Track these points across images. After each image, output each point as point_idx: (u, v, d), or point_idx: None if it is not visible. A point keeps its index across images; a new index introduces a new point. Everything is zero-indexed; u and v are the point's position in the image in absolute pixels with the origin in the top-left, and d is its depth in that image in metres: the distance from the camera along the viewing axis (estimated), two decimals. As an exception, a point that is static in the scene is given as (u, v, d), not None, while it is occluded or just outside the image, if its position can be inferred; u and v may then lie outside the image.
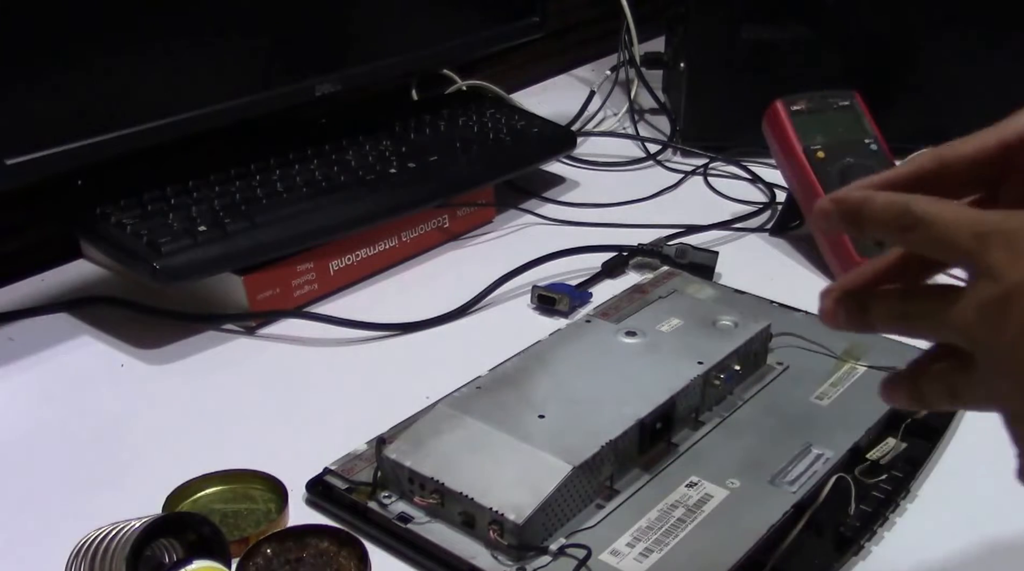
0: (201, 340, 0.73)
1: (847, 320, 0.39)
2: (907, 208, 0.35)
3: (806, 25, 0.99)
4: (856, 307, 0.39)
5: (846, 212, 0.37)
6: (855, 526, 0.52)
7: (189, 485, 0.56)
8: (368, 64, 0.89)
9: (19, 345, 0.73)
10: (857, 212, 0.37)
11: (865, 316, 0.38)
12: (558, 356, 0.62)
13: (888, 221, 0.36)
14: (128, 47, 0.71)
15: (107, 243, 0.71)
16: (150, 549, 0.48)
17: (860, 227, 0.37)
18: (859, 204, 0.37)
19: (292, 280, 0.76)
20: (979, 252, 0.33)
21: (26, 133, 0.67)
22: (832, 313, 0.39)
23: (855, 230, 0.38)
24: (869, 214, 0.36)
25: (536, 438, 0.53)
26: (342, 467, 0.56)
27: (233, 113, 0.78)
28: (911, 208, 0.35)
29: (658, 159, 1.05)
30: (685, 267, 0.79)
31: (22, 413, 0.66)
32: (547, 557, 0.49)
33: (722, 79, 1.03)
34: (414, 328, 0.74)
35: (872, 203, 0.36)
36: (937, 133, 0.84)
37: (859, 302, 0.38)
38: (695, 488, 0.54)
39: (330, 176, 0.81)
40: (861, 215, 0.37)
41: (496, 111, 0.97)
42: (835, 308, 0.39)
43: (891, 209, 0.36)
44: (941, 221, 0.34)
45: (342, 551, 0.51)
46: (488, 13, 0.99)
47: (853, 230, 0.38)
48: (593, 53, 1.36)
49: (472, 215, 0.89)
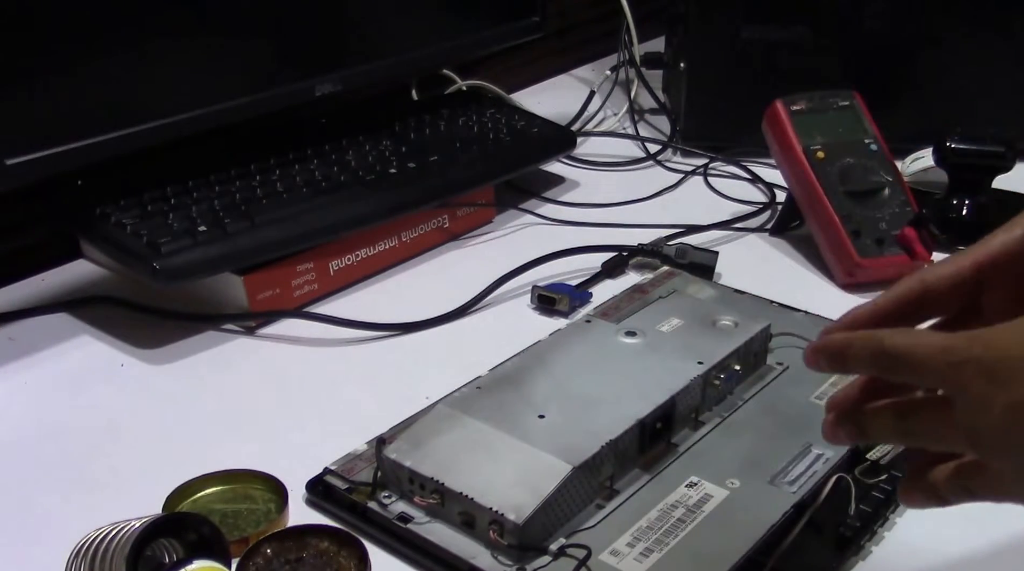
0: (201, 340, 0.73)
1: (849, 440, 0.42)
2: (881, 349, 0.37)
3: (806, 25, 0.99)
4: (855, 430, 0.41)
5: (832, 358, 0.40)
6: (855, 526, 0.52)
7: (189, 485, 0.56)
8: (368, 64, 0.89)
9: (19, 345, 0.73)
10: (840, 357, 0.40)
11: (866, 435, 0.41)
12: (558, 356, 0.62)
13: (868, 362, 0.38)
14: (128, 47, 0.71)
15: (107, 243, 0.71)
16: (150, 549, 0.48)
17: (846, 369, 0.40)
18: (841, 349, 0.39)
19: (292, 280, 0.76)
20: (957, 382, 0.35)
21: (26, 133, 0.67)
22: (833, 435, 0.42)
23: (844, 372, 0.41)
24: (852, 358, 0.39)
25: (536, 438, 0.53)
26: (342, 467, 0.56)
27: (233, 113, 0.78)
28: (885, 348, 0.37)
29: (658, 159, 1.05)
30: (685, 267, 0.79)
31: (22, 413, 0.66)
32: (547, 557, 0.49)
33: (722, 79, 1.03)
34: (414, 328, 0.74)
35: (851, 348, 0.39)
36: (937, 133, 0.85)
37: (857, 424, 0.41)
38: (695, 488, 0.54)
39: (330, 176, 0.81)
40: (845, 359, 0.39)
41: (496, 111, 0.97)
42: (835, 431, 0.42)
43: (868, 351, 0.38)
44: (915, 357, 0.36)
45: (342, 551, 0.51)
46: (488, 13, 0.99)
47: (842, 372, 0.41)
48: (593, 53, 1.36)
49: (472, 215, 0.89)
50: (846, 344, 0.39)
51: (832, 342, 0.40)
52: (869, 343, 0.38)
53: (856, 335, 0.39)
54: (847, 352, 0.39)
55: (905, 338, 0.37)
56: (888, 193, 0.81)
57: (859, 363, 0.39)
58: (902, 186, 0.82)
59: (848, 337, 0.39)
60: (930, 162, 0.87)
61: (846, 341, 0.39)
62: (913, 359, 0.36)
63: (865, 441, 0.41)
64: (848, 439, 0.41)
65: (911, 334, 0.37)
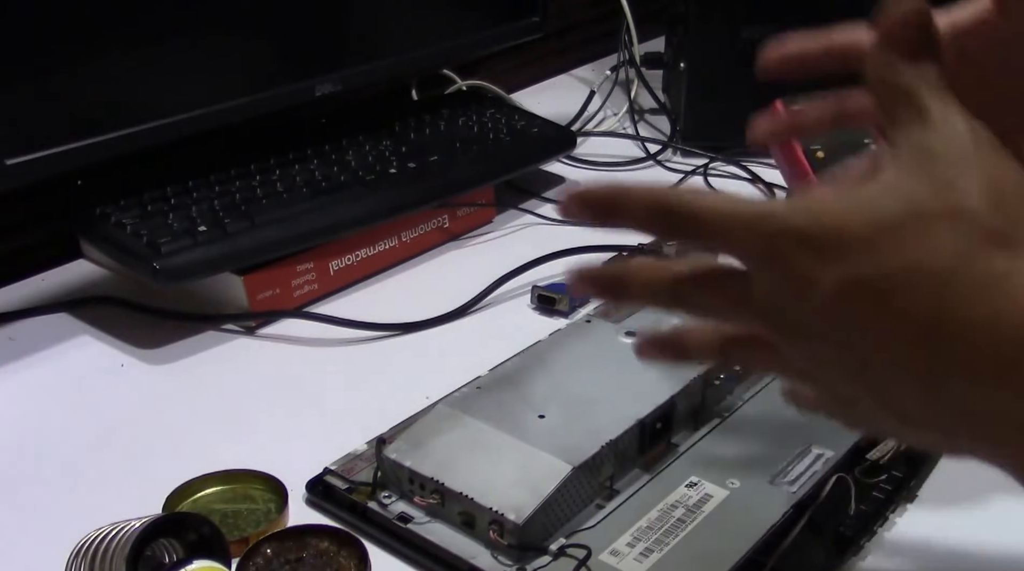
0: (201, 340, 0.73)
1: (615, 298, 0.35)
2: (666, 202, 0.31)
3: (806, 25, 0.99)
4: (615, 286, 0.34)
5: (597, 204, 0.33)
6: (855, 526, 0.52)
7: (189, 485, 0.56)
8: (368, 64, 0.89)
9: (19, 345, 0.73)
10: (608, 204, 0.32)
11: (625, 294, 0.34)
12: (558, 356, 0.62)
13: (644, 214, 0.32)
14: (128, 47, 0.71)
15: (107, 243, 0.71)
16: (150, 549, 0.48)
17: (613, 219, 0.33)
18: (614, 196, 0.32)
19: (292, 280, 0.76)
20: (775, 255, 0.30)
21: (26, 133, 0.67)
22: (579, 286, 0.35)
23: (609, 223, 0.33)
24: (626, 207, 0.32)
25: (536, 438, 0.53)
26: (342, 467, 0.56)
27: (233, 113, 0.78)
28: (670, 201, 0.31)
29: (658, 159, 1.05)
30: (685, 267, 0.79)
31: (22, 413, 0.66)
32: (547, 557, 0.49)
33: (722, 79, 1.03)
34: (414, 328, 0.74)
35: (628, 195, 0.32)
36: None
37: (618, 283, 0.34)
38: (695, 488, 0.54)
39: (330, 176, 0.81)
40: (614, 208, 0.32)
41: (496, 111, 0.97)
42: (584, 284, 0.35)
43: (646, 201, 0.31)
44: (709, 216, 0.30)
45: (342, 551, 0.51)
46: (488, 13, 0.99)
47: (607, 223, 0.33)
48: (593, 53, 1.36)
49: (472, 215, 0.89)
50: (619, 192, 0.32)
51: (598, 189, 0.32)
52: (650, 194, 0.31)
53: (633, 185, 0.32)
54: (622, 200, 0.32)
55: (705, 198, 0.31)
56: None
57: (632, 213, 0.32)
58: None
59: (622, 186, 0.32)
60: (930, 162, 0.87)
61: (619, 190, 0.32)
62: (713, 219, 0.30)
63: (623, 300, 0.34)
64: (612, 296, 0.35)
65: (713, 194, 0.31)
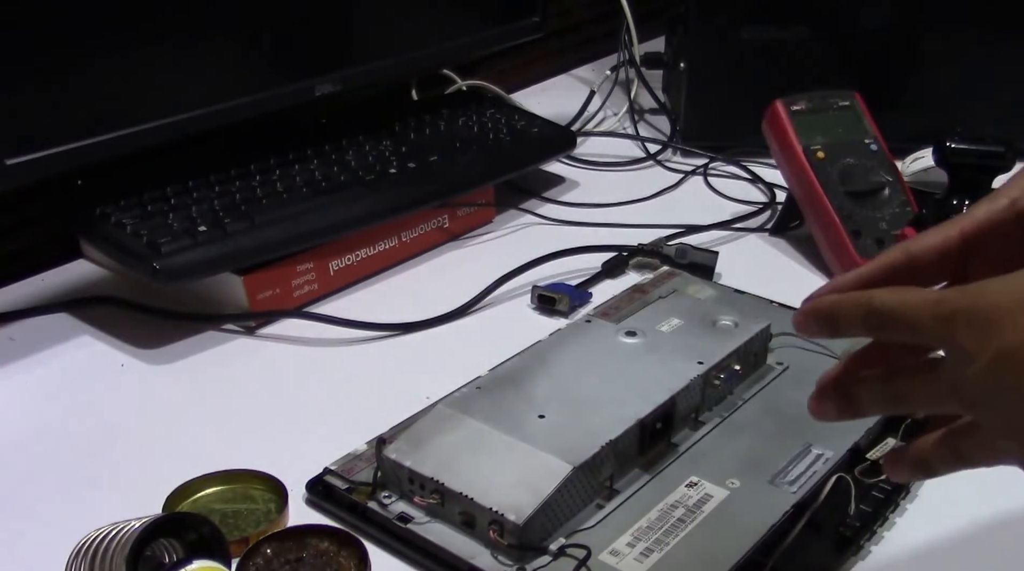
0: (201, 340, 0.73)
1: (839, 414, 0.41)
2: (871, 306, 0.37)
3: (806, 25, 0.99)
4: (843, 401, 0.40)
5: (822, 320, 0.40)
6: (855, 526, 0.52)
7: (189, 485, 0.56)
8: (368, 64, 0.89)
9: (19, 345, 0.73)
10: (830, 318, 0.39)
11: (855, 405, 0.40)
12: (558, 356, 0.62)
13: (859, 321, 0.38)
14: (128, 47, 0.71)
15: (107, 243, 0.71)
16: (150, 549, 0.48)
17: (837, 331, 0.39)
18: (830, 311, 0.39)
19: (292, 280, 0.76)
20: (946, 335, 0.34)
21: (26, 133, 0.67)
22: (821, 411, 0.41)
23: (834, 335, 0.40)
24: (843, 319, 0.39)
25: (536, 438, 0.53)
26: (342, 467, 0.56)
27: (233, 113, 0.78)
28: (874, 305, 0.37)
29: (658, 159, 1.05)
30: (685, 267, 0.79)
31: (22, 413, 0.66)
32: (547, 557, 0.49)
33: (722, 79, 1.03)
34: (414, 328, 0.74)
35: (841, 309, 0.39)
36: (937, 133, 0.85)
37: (845, 395, 0.40)
38: (695, 488, 0.54)
39: (330, 176, 0.81)
40: (836, 321, 0.39)
41: (496, 111, 0.97)
42: (821, 406, 0.41)
43: (858, 310, 0.38)
44: (903, 312, 0.36)
45: (342, 551, 0.51)
46: (488, 13, 0.99)
47: (832, 335, 0.40)
48: (593, 53, 1.36)
49: (472, 215, 0.89)
50: (835, 305, 0.39)
51: (821, 304, 0.40)
52: (859, 301, 0.38)
53: (845, 296, 0.39)
54: (837, 312, 0.39)
55: (895, 294, 0.37)
56: (888, 193, 0.81)
57: (849, 323, 0.38)
58: (902, 186, 0.82)
59: (837, 298, 0.39)
60: (930, 162, 0.87)
61: (835, 302, 0.39)
62: (904, 315, 0.36)
63: (852, 412, 0.40)
64: (835, 412, 0.41)
65: (901, 291, 0.37)
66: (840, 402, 0.40)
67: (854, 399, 0.40)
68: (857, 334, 0.39)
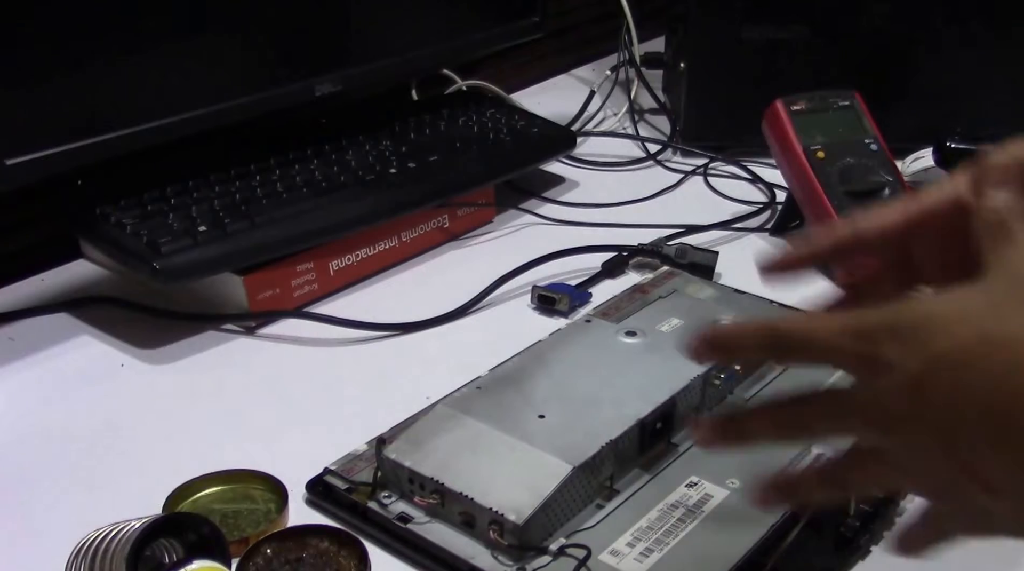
0: (201, 340, 0.73)
1: (724, 442, 0.39)
2: (776, 333, 0.35)
3: (806, 25, 0.99)
4: (734, 430, 0.38)
5: (719, 347, 0.38)
6: (855, 526, 0.52)
7: (189, 485, 0.56)
8: (368, 64, 0.89)
9: (19, 345, 0.73)
10: (729, 344, 0.37)
11: (743, 434, 0.38)
12: (558, 356, 0.62)
13: (761, 348, 0.36)
14: (128, 47, 0.71)
15: (107, 243, 0.71)
16: (150, 549, 0.48)
17: (735, 353, 0.38)
18: (732, 336, 0.37)
19: (292, 280, 0.76)
20: (869, 351, 0.33)
21: (26, 133, 0.67)
22: (707, 439, 0.39)
23: (730, 362, 0.39)
24: (741, 347, 0.37)
25: (536, 438, 0.53)
26: (342, 467, 0.56)
27: (233, 113, 0.78)
28: (780, 331, 0.35)
29: (658, 159, 1.05)
30: (685, 267, 0.79)
31: (22, 413, 0.66)
32: (547, 557, 0.49)
33: (722, 79, 1.03)
34: (414, 328, 0.74)
35: (741, 338, 0.37)
36: (937, 133, 0.85)
37: (736, 425, 0.38)
38: (695, 488, 0.54)
39: (330, 176, 0.81)
40: (737, 344, 0.37)
41: (496, 111, 0.97)
42: (709, 435, 0.39)
43: (760, 338, 0.36)
44: (817, 335, 0.34)
45: (342, 551, 0.51)
46: (488, 13, 0.99)
47: (728, 363, 0.39)
48: (593, 53, 1.36)
49: (472, 215, 0.89)
50: (738, 330, 0.37)
51: (719, 332, 0.38)
52: (762, 329, 0.36)
53: (747, 325, 0.37)
54: (739, 338, 0.37)
55: (804, 319, 0.35)
56: (888, 193, 0.81)
57: (749, 351, 0.37)
58: (902, 186, 0.82)
59: (739, 327, 0.37)
60: (930, 162, 0.87)
61: (735, 331, 0.37)
62: (816, 337, 0.34)
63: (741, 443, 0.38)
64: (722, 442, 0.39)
65: (810, 315, 0.36)
66: (728, 434, 0.38)
67: (744, 429, 0.38)
68: (759, 356, 0.38)
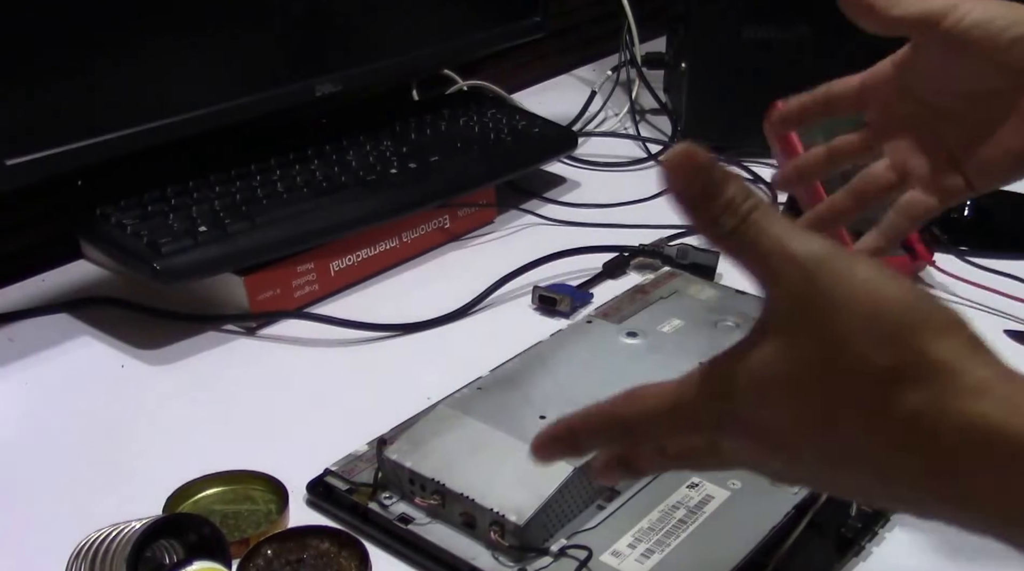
0: (202, 341, 0.73)
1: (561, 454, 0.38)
2: (615, 417, 0.35)
3: (808, 25, 0.99)
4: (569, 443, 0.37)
5: (564, 444, 0.37)
6: (856, 527, 0.52)
7: (190, 486, 0.56)
8: (369, 64, 0.89)
9: (19, 345, 0.73)
10: (573, 438, 0.36)
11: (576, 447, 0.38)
12: (559, 357, 0.61)
13: (605, 437, 0.36)
14: (128, 47, 0.71)
15: (107, 243, 0.71)
16: (151, 550, 0.48)
17: (582, 449, 0.37)
18: (573, 431, 0.36)
19: (293, 280, 0.76)
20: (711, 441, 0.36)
21: (26, 134, 0.67)
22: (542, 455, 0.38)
23: (579, 454, 0.38)
24: (587, 435, 0.36)
25: (537, 439, 0.53)
26: (343, 468, 0.56)
27: (233, 113, 0.78)
28: (619, 415, 0.35)
29: (659, 159, 1.05)
30: (686, 268, 0.79)
31: (22, 414, 0.66)
32: (548, 558, 0.49)
33: (723, 79, 1.03)
34: (415, 329, 0.74)
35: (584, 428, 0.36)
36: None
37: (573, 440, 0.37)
38: (696, 489, 0.54)
39: (331, 176, 0.81)
40: (581, 439, 0.36)
41: (497, 111, 0.97)
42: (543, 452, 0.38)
43: (603, 425, 0.35)
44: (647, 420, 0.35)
45: (343, 552, 0.51)
46: (489, 13, 0.99)
47: (577, 455, 0.38)
48: (594, 53, 1.36)
49: (473, 215, 0.89)
50: (575, 427, 0.36)
51: (558, 429, 0.36)
52: (601, 416, 0.35)
53: (584, 416, 0.36)
54: (581, 433, 0.36)
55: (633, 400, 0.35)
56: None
57: (595, 438, 0.36)
58: (904, 186, 0.82)
59: (570, 422, 0.36)
60: (932, 162, 0.87)
61: (569, 426, 0.36)
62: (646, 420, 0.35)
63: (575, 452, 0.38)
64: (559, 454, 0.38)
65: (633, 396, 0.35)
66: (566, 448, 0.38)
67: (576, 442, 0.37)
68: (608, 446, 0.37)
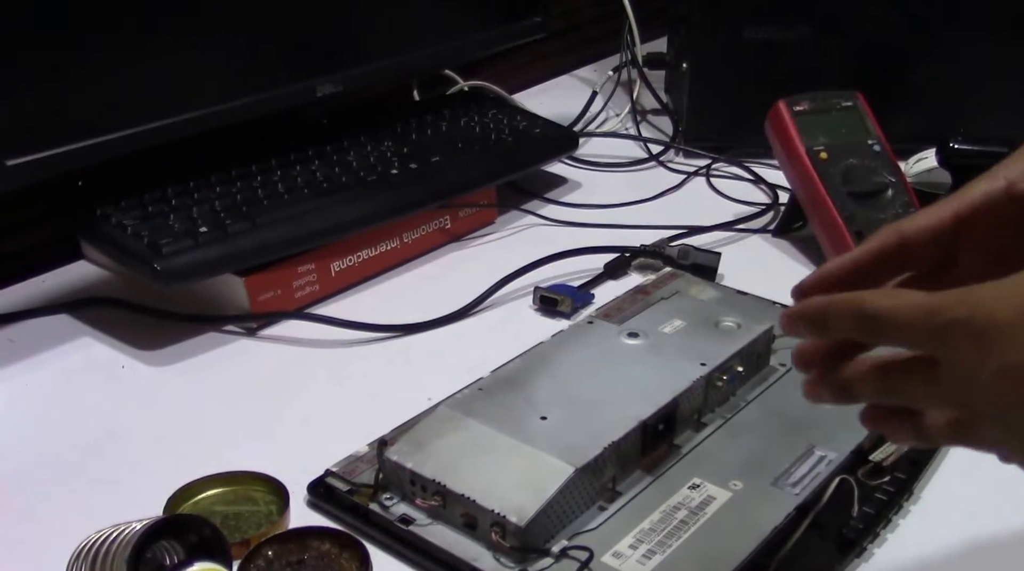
0: (202, 341, 0.73)
1: (834, 400, 0.40)
2: (862, 311, 0.36)
3: (809, 25, 0.99)
4: (839, 390, 0.39)
5: (811, 323, 0.38)
6: (858, 528, 0.52)
7: (190, 487, 0.56)
8: (369, 64, 0.89)
9: (20, 346, 0.73)
10: (820, 321, 0.38)
11: (849, 394, 0.39)
12: (560, 357, 0.61)
13: (849, 325, 0.37)
14: (128, 48, 0.71)
15: (108, 244, 0.71)
16: (151, 551, 0.48)
17: (825, 333, 0.38)
18: (819, 314, 0.38)
19: (293, 281, 0.76)
20: (942, 346, 0.33)
21: (26, 134, 0.67)
22: (816, 394, 0.40)
23: (823, 336, 0.39)
24: (832, 321, 0.37)
25: (538, 440, 0.53)
26: (343, 469, 0.56)
27: (234, 114, 0.78)
28: (866, 310, 0.36)
29: (660, 160, 1.05)
30: (687, 268, 0.79)
31: (23, 414, 0.66)
32: (549, 559, 0.49)
33: (724, 79, 1.03)
34: (416, 329, 0.74)
35: (830, 312, 0.37)
36: (940, 134, 0.85)
37: (841, 384, 0.39)
38: (698, 490, 0.54)
39: (331, 177, 0.80)
40: (824, 324, 0.38)
41: (498, 112, 0.97)
42: (817, 391, 0.40)
43: (848, 313, 0.37)
44: (898, 320, 0.35)
45: (343, 553, 0.51)
46: (490, 13, 0.99)
47: (821, 337, 0.39)
48: (595, 53, 1.36)
49: (474, 216, 0.89)
50: (824, 308, 0.37)
51: (810, 306, 0.38)
52: (850, 306, 0.36)
53: (835, 298, 0.37)
54: (826, 316, 0.37)
55: (887, 300, 0.35)
56: (891, 194, 0.81)
57: (839, 327, 0.37)
58: (905, 187, 0.82)
59: (827, 301, 0.38)
60: (933, 163, 0.87)
61: (824, 305, 0.38)
62: (896, 321, 0.35)
63: (850, 399, 0.39)
64: (832, 399, 0.40)
65: (893, 295, 0.36)
66: (836, 390, 0.39)
67: (850, 389, 0.38)
68: (847, 336, 0.38)
